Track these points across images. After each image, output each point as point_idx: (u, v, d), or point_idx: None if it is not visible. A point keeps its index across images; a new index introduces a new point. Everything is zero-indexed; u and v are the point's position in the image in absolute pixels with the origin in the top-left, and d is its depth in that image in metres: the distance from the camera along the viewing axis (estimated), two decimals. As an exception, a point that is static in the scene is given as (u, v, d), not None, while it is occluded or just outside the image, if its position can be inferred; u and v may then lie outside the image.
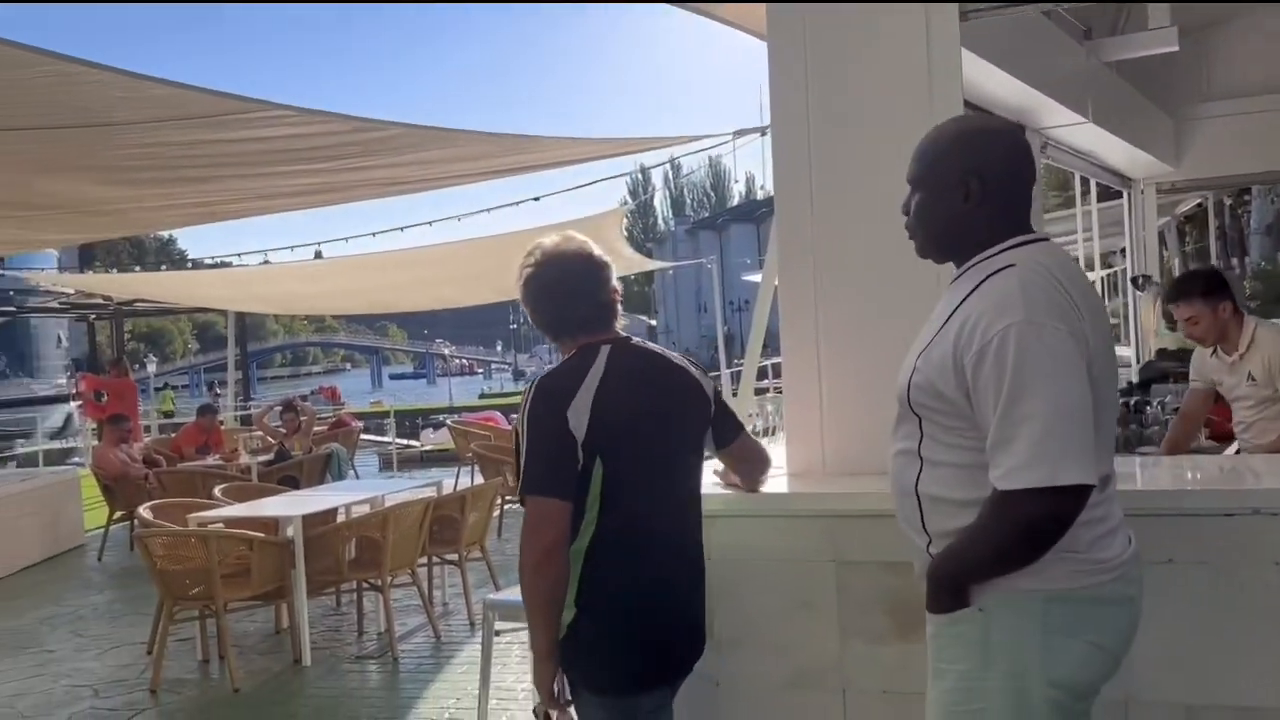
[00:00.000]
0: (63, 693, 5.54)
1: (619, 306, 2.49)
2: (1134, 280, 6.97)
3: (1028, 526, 1.81)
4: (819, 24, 2.96)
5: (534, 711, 2.39)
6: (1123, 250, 10.30)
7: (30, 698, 5.48)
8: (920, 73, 2.86)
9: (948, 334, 1.91)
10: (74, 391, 23.05)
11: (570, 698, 2.35)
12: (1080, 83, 4.56)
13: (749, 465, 2.73)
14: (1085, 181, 7.22)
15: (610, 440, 2.31)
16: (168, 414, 23.82)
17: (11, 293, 29.60)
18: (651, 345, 2.58)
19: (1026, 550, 1.83)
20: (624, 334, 2.49)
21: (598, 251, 2.49)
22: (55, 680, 5.76)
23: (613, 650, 2.35)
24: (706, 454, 2.62)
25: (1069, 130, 4.74)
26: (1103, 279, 15.03)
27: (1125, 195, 6.74)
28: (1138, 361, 6.70)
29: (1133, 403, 5.09)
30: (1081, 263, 10.60)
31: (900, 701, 2.57)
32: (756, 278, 12.07)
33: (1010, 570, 1.85)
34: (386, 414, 21.58)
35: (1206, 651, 2.36)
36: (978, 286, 1.92)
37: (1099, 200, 8.07)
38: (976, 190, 1.97)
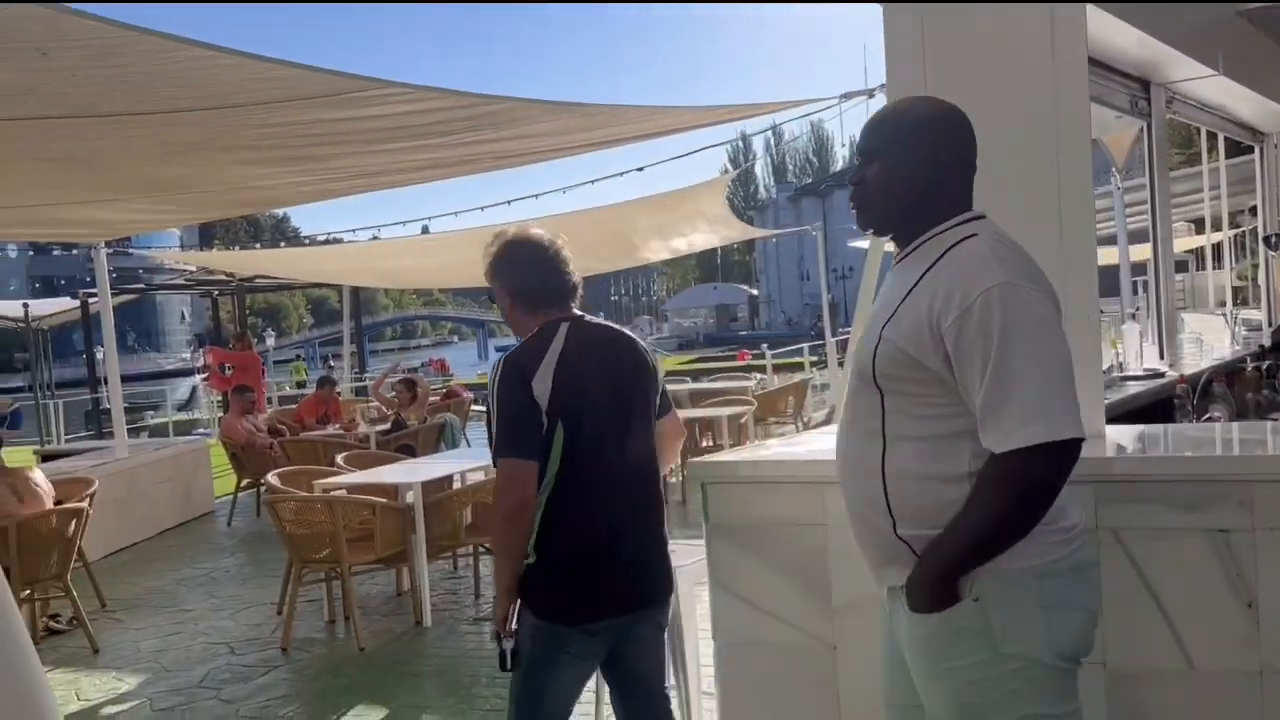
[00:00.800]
0: (201, 649, 5.86)
1: (579, 289, 2.85)
2: (1266, 239, 6.65)
3: (1030, 486, 1.81)
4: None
5: (492, 628, 2.78)
6: (1251, 209, 9.82)
7: (172, 653, 5.81)
8: (1043, 29, 2.78)
9: (917, 303, 1.90)
10: (200, 365, 24.10)
11: (516, 625, 2.69)
12: (1210, 33, 4.36)
13: (671, 437, 2.98)
14: (1212, 137, 6.91)
15: (571, 406, 2.64)
16: (300, 384, 24.88)
17: (140, 271, 31.00)
18: (605, 322, 2.94)
19: (1031, 512, 1.83)
20: (579, 312, 2.84)
21: (560, 239, 2.86)
22: (194, 638, 6.09)
23: (553, 587, 2.68)
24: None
25: (1197, 84, 4.55)
26: (1231, 238, 14.37)
27: (1257, 150, 6.42)
28: (1269, 324, 6.41)
29: (1265, 367, 4.87)
30: (1208, 222, 10.16)
31: (1022, 668, 2.55)
32: (863, 244, 11.90)
33: (1011, 542, 1.84)
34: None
35: (1349, 621, 2.28)
36: (943, 256, 1.93)
37: (1226, 157, 7.71)
38: (947, 160, 2.00)
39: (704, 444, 10.02)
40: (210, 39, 4.29)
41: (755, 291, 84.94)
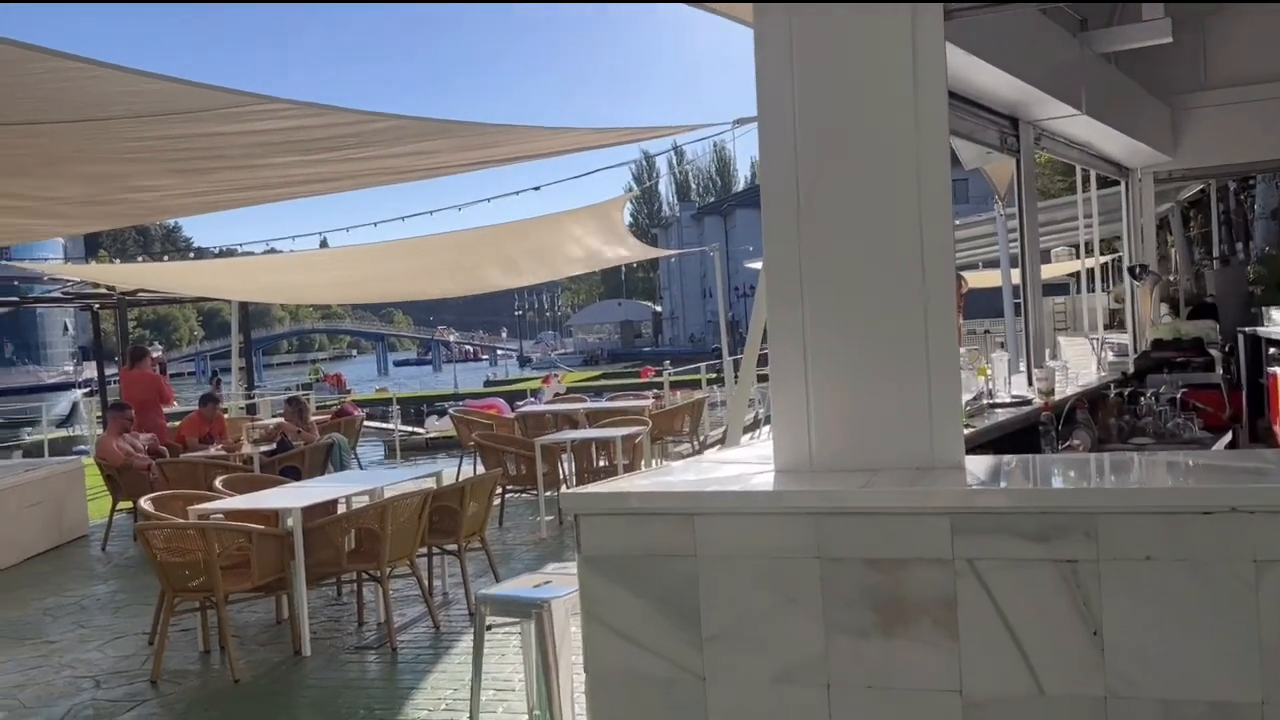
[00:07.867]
0: (64, 684, 5.59)
1: None
2: (1131, 270, 6.96)
3: None
4: (804, 22, 2.96)
5: None
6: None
7: (32, 689, 5.54)
8: (904, 68, 2.85)
9: None
10: (81, 379, 23.13)
11: None
12: (1073, 75, 4.54)
13: None
14: (1085, 170, 7.21)
15: None
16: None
17: (16, 282, 29.64)
18: None
19: None
20: None
21: None
22: (57, 671, 5.82)
23: None
24: None
25: (1062, 122, 4.73)
26: (1102, 265, 14.97)
27: (1122, 185, 6.71)
28: (1135, 350, 6.69)
29: (1127, 393, 5.08)
30: (1081, 249, 10.57)
31: (883, 696, 2.59)
32: (759, 265, 12.05)
33: None
34: (391, 401, 21.65)
35: (1183, 648, 2.38)
36: None
37: (1100, 187, 8.05)
38: None
39: (600, 464, 10.01)
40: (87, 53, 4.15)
41: (659, 308, 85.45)
